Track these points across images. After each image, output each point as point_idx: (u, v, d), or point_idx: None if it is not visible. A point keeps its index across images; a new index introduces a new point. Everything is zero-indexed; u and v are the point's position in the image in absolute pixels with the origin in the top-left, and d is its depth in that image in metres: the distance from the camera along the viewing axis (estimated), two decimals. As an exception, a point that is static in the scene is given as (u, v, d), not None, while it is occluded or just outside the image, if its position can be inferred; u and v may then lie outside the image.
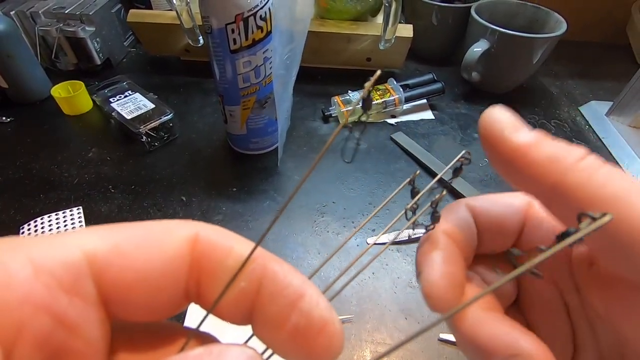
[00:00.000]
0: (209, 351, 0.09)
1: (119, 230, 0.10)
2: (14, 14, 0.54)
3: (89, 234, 0.10)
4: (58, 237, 0.10)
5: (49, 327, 0.09)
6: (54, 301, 0.09)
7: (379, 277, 0.36)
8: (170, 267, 0.10)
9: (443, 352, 0.31)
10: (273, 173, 0.45)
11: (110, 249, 0.10)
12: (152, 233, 0.10)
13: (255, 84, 0.39)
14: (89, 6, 0.56)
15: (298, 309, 0.10)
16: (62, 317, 0.09)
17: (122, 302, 0.10)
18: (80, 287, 0.09)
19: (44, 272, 0.09)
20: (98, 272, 0.09)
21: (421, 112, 0.55)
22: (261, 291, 0.10)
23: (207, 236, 0.10)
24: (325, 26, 0.54)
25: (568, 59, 0.67)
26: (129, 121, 0.46)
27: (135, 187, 0.43)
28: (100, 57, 0.58)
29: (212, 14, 0.34)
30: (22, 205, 0.41)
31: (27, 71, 0.51)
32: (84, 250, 0.09)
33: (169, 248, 0.10)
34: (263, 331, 0.11)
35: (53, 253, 0.09)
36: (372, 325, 0.32)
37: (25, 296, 0.08)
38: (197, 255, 0.10)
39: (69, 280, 0.09)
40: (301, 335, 0.10)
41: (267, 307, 0.10)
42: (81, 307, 0.09)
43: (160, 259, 0.10)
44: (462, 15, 0.57)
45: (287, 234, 0.39)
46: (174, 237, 0.10)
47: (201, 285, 0.10)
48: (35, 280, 0.09)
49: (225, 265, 0.10)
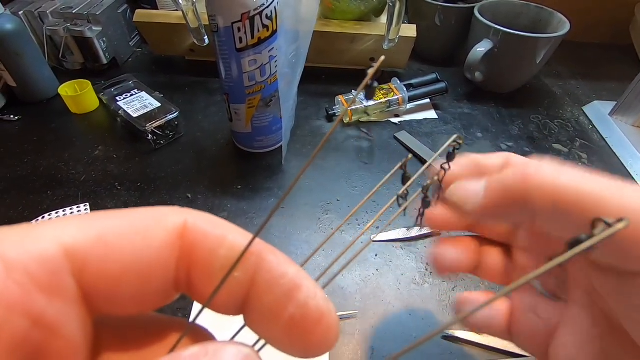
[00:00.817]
0: (205, 351, 0.09)
1: (101, 220, 0.09)
2: (22, 14, 0.55)
3: (67, 225, 0.09)
4: (32, 229, 0.09)
5: (24, 328, 0.08)
6: (29, 301, 0.08)
7: (383, 274, 0.36)
8: (157, 257, 0.09)
9: (447, 348, 0.31)
10: (277, 171, 0.46)
11: (91, 240, 0.09)
12: (137, 222, 0.10)
13: (261, 83, 0.40)
14: (96, 6, 0.56)
15: (295, 299, 0.10)
16: (39, 317, 0.08)
17: (106, 296, 0.09)
18: (59, 284, 0.09)
19: (17, 270, 0.08)
20: (78, 266, 0.09)
21: (424, 111, 0.55)
22: (256, 281, 0.10)
23: (196, 224, 0.10)
24: (330, 26, 0.55)
25: (571, 59, 0.67)
26: (135, 119, 0.46)
27: (141, 184, 0.43)
28: (107, 57, 0.58)
29: (219, 12, 0.35)
30: (30, 201, 0.41)
31: (35, 70, 0.52)
32: (62, 243, 0.09)
33: (156, 238, 0.09)
34: (257, 322, 0.10)
35: (27, 247, 0.08)
36: (376, 321, 0.33)
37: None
38: (187, 245, 0.10)
39: (45, 277, 0.08)
40: (297, 326, 0.10)
41: (262, 297, 0.10)
42: (60, 305, 0.09)
43: (147, 249, 0.09)
44: (466, 15, 0.57)
45: (292, 231, 0.39)
46: (161, 225, 0.10)
47: (192, 275, 0.10)
48: (7, 279, 0.08)
49: (217, 254, 0.10)
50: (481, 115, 0.55)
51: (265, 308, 0.10)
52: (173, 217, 0.10)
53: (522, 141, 0.51)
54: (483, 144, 0.51)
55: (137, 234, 0.09)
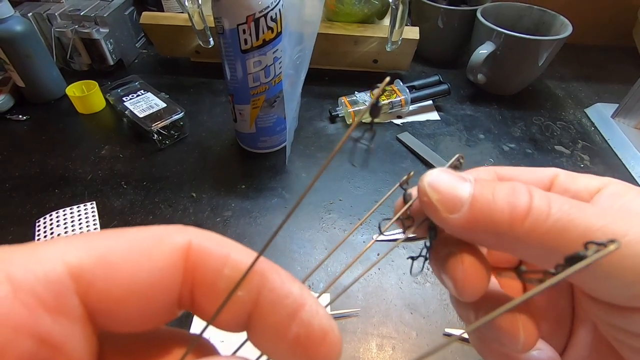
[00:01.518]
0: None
1: (104, 240, 0.10)
2: (31, 16, 0.56)
3: (72, 245, 0.09)
4: (38, 249, 0.09)
5: (31, 348, 0.08)
6: (35, 321, 0.08)
7: (385, 273, 0.36)
8: (161, 278, 0.10)
9: (448, 346, 0.31)
10: (281, 171, 0.46)
11: (96, 261, 0.09)
12: (141, 242, 0.10)
13: (265, 84, 0.40)
14: (103, 8, 0.57)
15: (299, 318, 0.10)
16: (45, 337, 0.08)
17: (111, 315, 0.10)
18: (64, 304, 0.09)
19: (24, 291, 0.08)
20: (83, 286, 0.09)
21: (427, 113, 0.55)
22: (260, 300, 0.10)
23: (200, 244, 0.10)
24: (333, 28, 0.55)
25: (573, 61, 0.67)
26: (141, 120, 0.47)
27: (146, 183, 0.44)
28: (113, 58, 0.59)
29: (225, 15, 0.35)
30: (38, 200, 0.42)
31: (43, 71, 0.53)
32: (67, 263, 0.09)
33: (160, 258, 0.10)
34: (261, 340, 0.10)
35: (33, 268, 0.09)
36: (378, 319, 0.33)
37: (4, 318, 0.08)
38: (191, 265, 0.10)
39: (51, 298, 0.09)
40: (302, 344, 0.10)
41: (266, 316, 0.10)
42: (65, 324, 0.09)
43: (151, 270, 0.09)
44: (468, 17, 0.57)
45: (295, 230, 0.40)
46: (165, 246, 0.10)
47: (196, 294, 0.10)
48: (15, 300, 0.08)
49: (222, 273, 0.10)
50: (483, 116, 0.55)
51: (269, 327, 0.10)
52: (177, 236, 0.10)
53: (525, 143, 0.51)
54: (485, 145, 0.51)
55: (142, 255, 0.10)
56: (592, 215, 0.11)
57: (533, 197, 0.12)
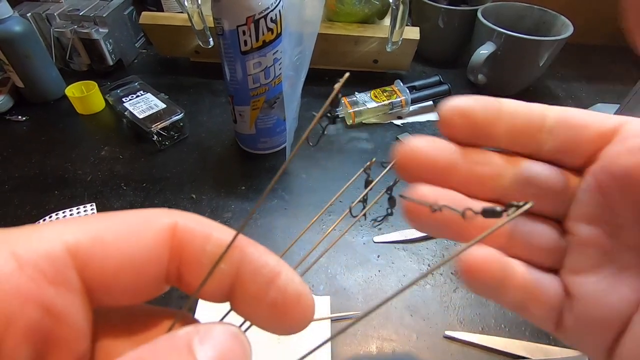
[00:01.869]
0: (196, 330, 0.10)
1: (99, 221, 0.11)
2: (30, 16, 0.56)
3: (69, 226, 0.10)
4: (38, 229, 0.10)
5: (36, 316, 0.09)
6: (40, 292, 0.09)
7: (385, 275, 0.36)
8: (150, 254, 0.11)
9: (448, 348, 0.31)
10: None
11: (92, 239, 0.10)
12: (132, 222, 0.11)
13: (265, 85, 0.40)
14: (103, 8, 0.57)
15: (275, 285, 0.11)
16: (48, 307, 0.09)
17: (105, 289, 0.10)
18: (64, 278, 0.10)
19: (29, 265, 0.09)
20: (81, 262, 0.10)
21: (427, 113, 0.55)
22: (240, 271, 0.11)
23: (186, 224, 0.11)
24: (333, 28, 0.55)
25: (574, 61, 0.67)
26: (140, 120, 0.47)
27: (146, 184, 0.44)
28: (113, 58, 0.59)
29: (224, 16, 0.35)
30: (38, 201, 0.42)
31: (42, 71, 0.53)
32: (65, 242, 0.10)
33: (149, 236, 0.11)
34: (243, 307, 0.12)
35: (35, 246, 0.09)
36: (378, 321, 0.33)
37: (13, 289, 0.09)
38: (177, 242, 0.11)
39: (52, 272, 0.09)
40: (279, 308, 0.11)
41: (246, 285, 0.11)
42: (66, 296, 0.10)
43: (141, 247, 0.11)
44: (469, 17, 0.57)
45: (295, 231, 0.40)
46: (153, 225, 0.11)
47: (182, 269, 0.11)
48: (21, 274, 0.09)
49: (205, 250, 0.11)
50: (484, 117, 0.55)
51: (249, 294, 0.11)
52: (164, 218, 0.11)
53: (525, 143, 0.51)
54: (486, 146, 0.51)
55: (132, 234, 0.11)
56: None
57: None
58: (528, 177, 0.14)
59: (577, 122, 0.14)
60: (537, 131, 0.14)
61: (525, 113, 0.14)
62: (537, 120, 0.14)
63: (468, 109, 0.15)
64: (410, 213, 0.15)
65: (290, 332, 0.12)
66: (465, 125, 0.15)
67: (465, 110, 0.15)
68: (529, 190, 0.15)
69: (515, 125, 0.14)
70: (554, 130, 0.14)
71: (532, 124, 0.14)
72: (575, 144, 0.14)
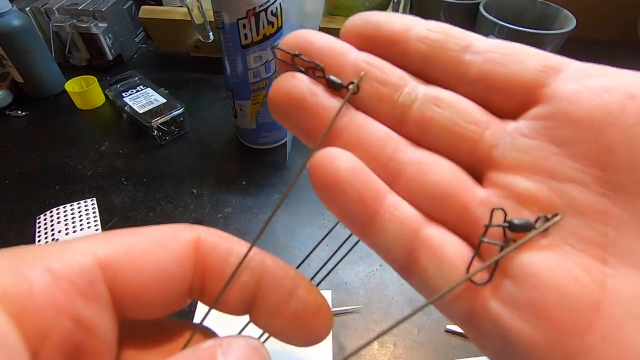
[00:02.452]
0: (219, 343, 0.10)
1: (127, 236, 0.11)
2: (28, 10, 0.55)
3: (99, 241, 0.11)
4: (70, 245, 0.10)
5: (69, 328, 0.09)
6: (72, 305, 0.10)
7: (387, 269, 0.36)
8: (176, 267, 0.11)
9: (449, 342, 0.31)
10: (282, 167, 0.46)
11: (121, 254, 0.10)
12: (156, 236, 0.11)
13: (266, 79, 0.40)
14: (102, 2, 0.57)
15: (296, 296, 0.12)
16: (80, 319, 0.10)
17: (133, 302, 0.11)
18: (95, 291, 0.10)
19: (62, 279, 0.09)
20: (110, 276, 0.10)
21: (429, 108, 0.55)
22: (262, 283, 0.12)
23: (208, 238, 0.12)
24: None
25: (577, 55, 0.66)
26: (140, 115, 0.47)
27: (147, 179, 0.44)
28: (112, 53, 0.59)
29: (224, 9, 0.35)
30: (38, 196, 0.42)
31: (41, 66, 0.52)
32: (96, 256, 0.10)
33: (174, 250, 0.11)
34: (263, 318, 0.12)
35: (68, 260, 0.10)
36: (379, 316, 0.33)
37: (48, 302, 0.09)
38: (201, 256, 0.11)
39: (84, 285, 0.10)
40: (299, 318, 0.12)
41: (268, 296, 0.12)
42: (96, 309, 0.10)
43: (167, 260, 0.11)
44: (471, 11, 0.57)
45: (296, 227, 0.40)
46: (178, 239, 0.11)
47: (205, 282, 0.12)
48: (55, 287, 0.09)
49: (228, 262, 0.11)
50: (485, 112, 0.55)
51: (271, 305, 0.12)
52: (188, 232, 0.12)
53: (527, 138, 0.51)
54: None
55: (159, 248, 0.11)
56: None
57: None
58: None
59: (509, 54, 0.12)
60: (460, 54, 0.12)
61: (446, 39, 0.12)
62: (461, 45, 0.12)
63: (375, 20, 0.12)
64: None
65: (308, 343, 0.12)
66: (370, 35, 0.12)
67: (371, 21, 0.12)
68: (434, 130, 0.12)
69: (432, 44, 0.12)
70: (481, 56, 0.11)
71: (453, 48, 0.12)
72: (506, 79, 0.11)
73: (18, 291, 0.09)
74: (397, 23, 0.12)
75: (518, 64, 0.11)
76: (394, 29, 0.12)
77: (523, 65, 0.11)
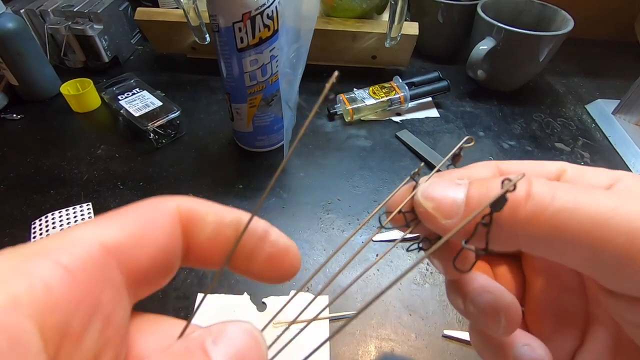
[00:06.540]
0: (209, 331, 0.10)
1: (119, 218, 0.11)
2: (23, 12, 0.55)
3: (97, 227, 0.10)
4: (69, 236, 0.10)
5: (89, 319, 0.09)
6: (90, 296, 0.09)
7: (384, 274, 0.36)
8: (172, 239, 0.11)
9: (447, 348, 0.31)
10: (279, 170, 0.46)
11: (122, 237, 0.10)
12: (146, 213, 0.11)
13: (262, 82, 0.40)
14: (97, 4, 0.56)
15: (269, 240, 0.13)
16: (99, 309, 0.10)
17: (142, 281, 0.11)
18: (110, 278, 0.10)
19: (76, 271, 0.09)
20: (123, 261, 0.10)
21: (426, 110, 0.55)
22: (239, 233, 0.12)
23: (186, 204, 0.12)
24: (331, 24, 0.54)
25: (575, 57, 0.66)
26: (136, 118, 0.47)
27: (143, 183, 0.44)
28: (108, 55, 0.58)
29: (220, 12, 0.35)
30: (33, 201, 0.41)
31: (36, 69, 0.52)
32: (102, 242, 0.10)
33: (166, 223, 0.11)
34: (242, 265, 0.13)
35: (77, 252, 0.09)
36: (376, 321, 0.33)
37: (65, 296, 0.09)
38: (184, 222, 0.12)
39: (98, 275, 0.10)
40: (272, 260, 0.13)
41: (245, 243, 0.13)
42: (112, 297, 0.10)
43: (163, 234, 0.11)
44: (468, 12, 0.57)
45: (293, 230, 0.39)
46: (165, 212, 0.12)
47: (190, 245, 0.12)
48: (71, 281, 0.09)
49: (207, 222, 0.12)
50: (483, 113, 0.55)
51: (247, 251, 0.13)
52: (169, 203, 0.12)
53: (525, 140, 0.51)
54: (485, 142, 0.51)
55: (152, 223, 0.11)
56: (602, 198, 0.11)
57: (532, 184, 0.12)
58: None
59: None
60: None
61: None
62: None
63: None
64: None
65: (282, 280, 0.13)
66: None
67: None
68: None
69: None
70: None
71: None
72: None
73: (34, 292, 0.08)
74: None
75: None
76: None
77: None
